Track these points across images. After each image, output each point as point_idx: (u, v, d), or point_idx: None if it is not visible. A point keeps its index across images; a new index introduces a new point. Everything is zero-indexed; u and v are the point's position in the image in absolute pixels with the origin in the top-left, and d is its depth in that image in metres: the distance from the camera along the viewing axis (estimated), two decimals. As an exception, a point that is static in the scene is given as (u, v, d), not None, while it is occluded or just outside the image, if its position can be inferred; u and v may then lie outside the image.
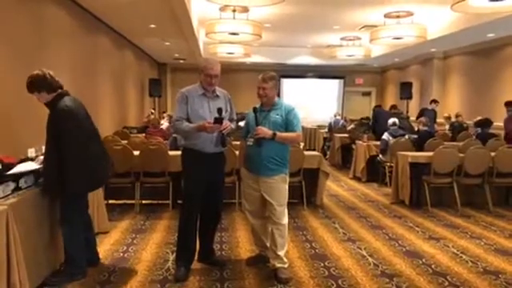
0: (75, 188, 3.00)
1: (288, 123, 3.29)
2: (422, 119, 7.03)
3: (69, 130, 2.93)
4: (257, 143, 3.23)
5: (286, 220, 3.34)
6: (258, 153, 3.26)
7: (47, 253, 3.13)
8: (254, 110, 3.35)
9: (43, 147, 3.34)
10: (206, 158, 3.28)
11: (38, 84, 2.96)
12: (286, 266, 3.35)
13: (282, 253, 3.32)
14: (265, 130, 3.21)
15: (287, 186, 3.38)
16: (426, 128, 6.94)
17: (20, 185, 2.87)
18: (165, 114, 10.48)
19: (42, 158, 3.18)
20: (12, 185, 2.79)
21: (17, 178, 2.84)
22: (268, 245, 3.44)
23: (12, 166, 2.93)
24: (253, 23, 7.98)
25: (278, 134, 3.23)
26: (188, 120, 3.24)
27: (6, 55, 4.35)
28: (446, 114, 10.20)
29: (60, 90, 3.04)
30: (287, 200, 3.37)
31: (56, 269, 3.24)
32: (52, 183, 2.97)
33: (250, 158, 3.37)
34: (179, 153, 3.55)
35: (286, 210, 3.37)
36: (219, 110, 3.17)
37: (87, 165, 3.01)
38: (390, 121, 7.28)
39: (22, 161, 3.14)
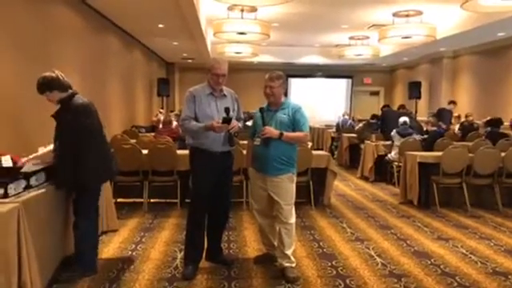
0: (93, 181, 3.13)
1: (295, 123, 3.28)
2: (431, 119, 7.00)
3: (87, 126, 3.07)
4: (264, 143, 3.23)
5: (293, 219, 3.34)
6: (265, 152, 3.26)
7: (57, 250, 3.17)
8: (261, 110, 3.36)
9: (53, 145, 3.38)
10: (214, 158, 3.29)
11: (50, 84, 3.06)
12: (293, 265, 3.35)
13: (289, 252, 3.33)
14: (272, 130, 3.21)
15: (294, 186, 3.38)
16: (434, 128, 6.90)
17: (31, 183, 2.90)
18: (172, 113, 10.50)
19: (40, 152, 3.25)
20: (23, 182, 2.82)
21: (28, 175, 2.88)
22: (275, 244, 3.45)
23: (22, 164, 2.97)
24: (261, 23, 7.99)
25: (285, 133, 3.23)
26: (196, 119, 3.26)
27: (16, 56, 4.40)
28: (456, 114, 10.12)
29: (71, 90, 3.15)
30: (295, 199, 3.37)
31: (65, 265, 3.27)
32: (67, 179, 3.04)
33: (257, 157, 3.38)
34: (187, 152, 3.57)
35: (294, 210, 3.37)
36: (227, 110, 3.18)
37: (102, 158, 3.18)
38: (401, 119, 7.26)
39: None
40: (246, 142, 3.98)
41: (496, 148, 5.78)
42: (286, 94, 3.50)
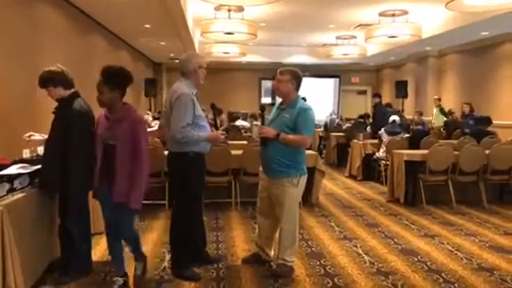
0: (86, 184, 3.06)
1: (297, 124, 3.14)
2: (416, 118, 7.07)
3: (84, 131, 3.02)
4: (261, 143, 3.20)
5: (292, 225, 3.27)
6: (264, 153, 3.23)
7: (43, 253, 3.12)
8: (273, 104, 3.31)
9: (38, 148, 3.34)
10: (204, 159, 3.33)
11: (55, 79, 3.02)
12: (286, 263, 3.32)
13: (284, 254, 3.31)
14: (268, 130, 3.14)
15: (298, 191, 3.27)
16: (419, 127, 6.97)
17: (15, 186, 2.86)
18: (149, 113, 10.35)
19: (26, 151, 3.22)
20: (7, 186, 2.77)
21: (11, 178, 2.83)
22: (266, 250, 3.51)
23: (6, 167, 2.92)
24: (248, 22, 7.99)
25: (282, 135, 3.11)
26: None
27: (0, 56, 4.32)
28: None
29: (74, 89, 3.12)
30: (295, 204, 3.32)
31: (53, 268, 3.22)
32: (54, 180, 2.99)
33: (260, 156, 3.34)
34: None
35: (295, 214, 3.31)
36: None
37: (90, 170, 3.08)
38: (391, 118, 7.32)
39: (14, 162, 3.13)
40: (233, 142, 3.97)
41: (480, 145, 5.87)
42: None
